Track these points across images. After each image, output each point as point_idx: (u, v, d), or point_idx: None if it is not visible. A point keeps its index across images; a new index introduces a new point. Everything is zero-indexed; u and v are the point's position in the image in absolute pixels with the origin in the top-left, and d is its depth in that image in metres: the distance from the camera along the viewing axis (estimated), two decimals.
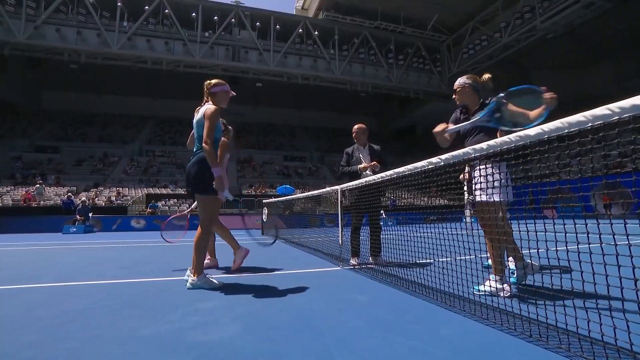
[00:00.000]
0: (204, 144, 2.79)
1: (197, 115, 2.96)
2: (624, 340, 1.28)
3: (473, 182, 2.53)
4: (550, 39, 23.64)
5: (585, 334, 1.46)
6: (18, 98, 30.13)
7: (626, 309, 1.28)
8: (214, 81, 3.08)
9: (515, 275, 2.63)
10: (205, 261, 3.89)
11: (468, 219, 4.42)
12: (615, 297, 1.37)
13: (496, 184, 2.28)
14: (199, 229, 2.94)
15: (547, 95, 1.95)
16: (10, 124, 28.73)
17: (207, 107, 2.89)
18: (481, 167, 2.43)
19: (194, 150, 3.01)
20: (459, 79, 2.78)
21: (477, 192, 2.48)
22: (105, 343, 1.67)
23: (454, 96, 2.81)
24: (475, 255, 3.74)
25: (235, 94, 3.18)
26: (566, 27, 22.42)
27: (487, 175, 2.36)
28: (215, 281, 2.93)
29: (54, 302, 2.48)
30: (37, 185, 18.85)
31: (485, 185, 2.36)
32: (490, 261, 3.65)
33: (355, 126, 4.52)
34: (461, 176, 3.73)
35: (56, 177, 22.28)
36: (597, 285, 1.39)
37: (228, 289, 2.93)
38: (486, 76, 2.69)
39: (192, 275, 2.88)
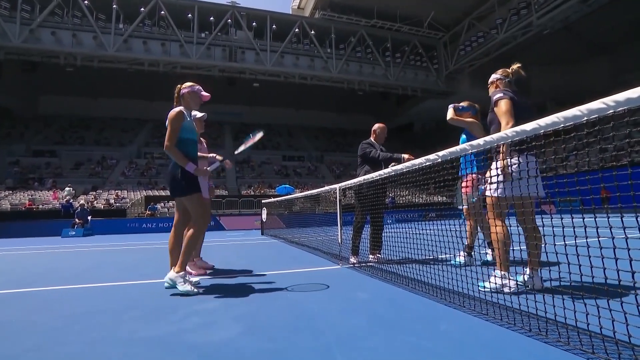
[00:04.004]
0: (164, 148, 2.78)
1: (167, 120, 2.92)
2: (622, 332, 1.29)
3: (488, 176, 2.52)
4: (547, 35, 23.68)
5: (584, 327, 1.47)
6: (14, 103, 30.00)
7: (624, 302, 1.29)
8: (184, 84, 3.02)
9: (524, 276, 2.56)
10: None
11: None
12: (613, 290, 1.37)
13: (500, 178, 2.28)
14: (191, 226, 2.90)
15: None
16: (7, 129, 28.63)
17: (171, 111, 2.85)
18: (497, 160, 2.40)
19: None
20: (492, 75, 2.82)
21: (489, 187, 2.47)
22: (106, 346, 1.67)
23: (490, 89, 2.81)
24: (475, 252, 3.75)
25: (209, 95, 3.06)
26: (562, 23, 22.45)
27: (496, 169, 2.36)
28: (191, 289, 2.73)
29: (54, 306, 2.48)
30: (67, 188, 19.71)
31: (494, 180, 2.35)
32: (489, 257, 3.69)
33: (379, 125, 4.51)
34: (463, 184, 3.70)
35: (53, 182, 22.22)
36: (595, 279, 1.40)
37: (227, 289, 2.93)
38: (515, 66, 2.71)
39: (172, 270, 2.77)
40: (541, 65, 29.62)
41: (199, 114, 3.82)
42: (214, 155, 3.61)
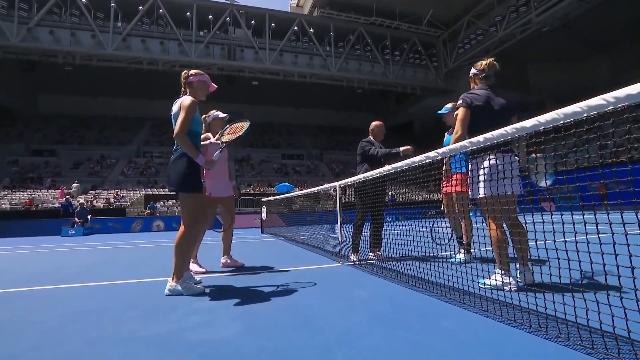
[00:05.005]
0: (174, 135, 2.64)
1: (174, 108, 2.78)
2: (621, 328, 1.29)
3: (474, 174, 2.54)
4: (546, 32, 23.65)
5: (584, 323, 1.47)
6: (13, 102, 29.94)
7: (623, 297, 1.29)
8: (192, 71, 2.90)
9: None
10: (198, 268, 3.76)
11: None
12: (612, 286, 1.38)
13: (500, 175, 2.29)
14: (181, 228, 2.75)
15: None
16: (6, 129, 28.57)
17: (184, 98, 2.74)
18: (489, 158, 2.43)
19: (173, 148, 2.80)
20: (472, 69, 2.88)
21: (481, 185, 2.47)
22: (106, 345, 1.67)
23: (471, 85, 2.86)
24: (476, 249, 3.75)
25: (216, 86, 2.99)
26: (561, 20, 22.42)
27: (490, 167, 2.38)
28: (196, 287, 2.73)
29: (54, 305, 2.48)
30: (75, 184, 20.06)
31: (489, 178, 2.37)
32: (459, 257, 3.68)
33: (376, 123, 4.52)
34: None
35: (52, 181, 22.20)
36: (595, 275, 1.40)
37: (227, 287, 2.93)
38: (488, 60, 2.76)
39: (170, 280, 2.67)
40: (540, 62, 29.61)
41: (221, 114, 3.88)
42: (210, 141, 3.54)
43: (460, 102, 2.62)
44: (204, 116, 3.85)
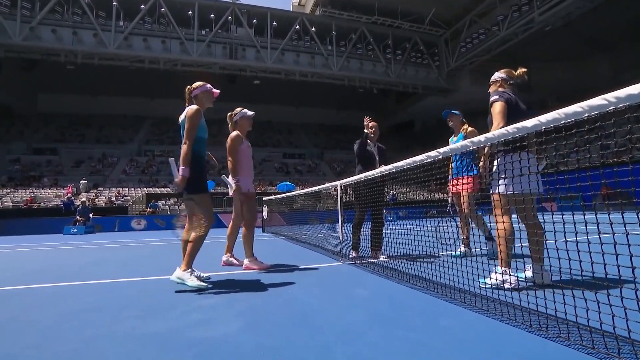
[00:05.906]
0: (183, 144, 2.82)
1: (181, 117, 2.97)
2: (622, 327, 1.29)
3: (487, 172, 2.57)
4: (548, 32, 23.58)
5: (585, 322, 1.47)
6: (14, 101, 30.03)
7: (624, 297, 1.29)
8: (194, 85, 3.06)
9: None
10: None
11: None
12: (613, 285, 1.38)
13: (503, 174, 2.30)
14: (203, 223, 2.89)
15: None
16: (7, 127, 28.65)
17: (189, 108, 2.92)
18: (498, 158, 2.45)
19: None
20: (495, 73, 2.83)
21: (501, 182, 2.47)
22: (105, 343, 1.67)
23: (489, 89, 2.82)
24: (476, 248, 3.75)
25: (219, 91, 3.15)
26: (564, 20, 22.35)
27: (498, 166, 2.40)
28: (201, 283, 2.78)
29: (54, 303, 2.48)
30: (83, 181, 20.24)
31: (496, 177, 2.39)
32: (459, 251, 3.75)
33: (372, 123, 4.53)
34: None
35: (53, 180, 22.26)
36: (596, 275, 1.40)
37: (228, 285, 2.94)
38: (521, 70, 2.73)
39: (179, 268, 2.79)
40: (542, 62, 29.52)
41: (248, 112, 3.99)
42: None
43: (496, 97, 2.57)
44: (229, 113, 4.00)
